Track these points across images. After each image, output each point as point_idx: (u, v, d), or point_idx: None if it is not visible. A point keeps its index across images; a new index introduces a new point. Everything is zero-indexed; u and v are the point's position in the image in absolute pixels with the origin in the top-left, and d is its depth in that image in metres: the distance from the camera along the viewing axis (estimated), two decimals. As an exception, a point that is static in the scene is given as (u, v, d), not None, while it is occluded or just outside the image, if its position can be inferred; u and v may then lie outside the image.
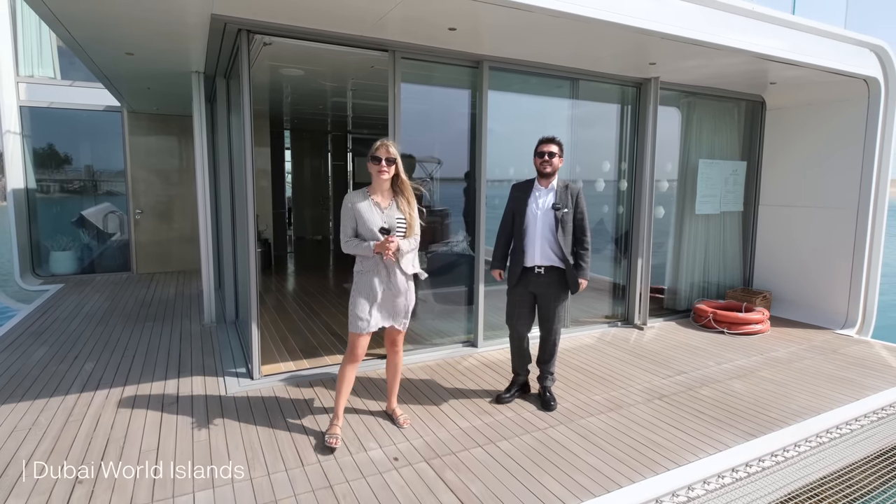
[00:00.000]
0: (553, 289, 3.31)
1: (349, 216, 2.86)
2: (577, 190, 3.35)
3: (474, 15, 3.36)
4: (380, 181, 2.86)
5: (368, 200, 2.87)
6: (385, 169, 2.82)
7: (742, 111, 6.11)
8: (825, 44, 4.74)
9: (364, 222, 2.82)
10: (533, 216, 3.31)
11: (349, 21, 3.48)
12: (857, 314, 5.35)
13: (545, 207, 3.29)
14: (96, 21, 3.45)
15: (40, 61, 7.41)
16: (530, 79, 4.79)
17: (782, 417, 3.35)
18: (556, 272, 3.30)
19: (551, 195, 3.32)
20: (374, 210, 2.85)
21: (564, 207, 3.26)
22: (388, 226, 2.82)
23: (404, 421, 3.13)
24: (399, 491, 2.46)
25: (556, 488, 2.51)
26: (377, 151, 2.83)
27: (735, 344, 4.91)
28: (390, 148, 2.84)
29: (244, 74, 3.57)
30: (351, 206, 2.85)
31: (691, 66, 4.79)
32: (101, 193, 8.07)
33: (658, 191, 5.69)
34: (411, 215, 2.90)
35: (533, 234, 3.29)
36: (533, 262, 3.30)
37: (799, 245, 5.84)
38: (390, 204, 2.91)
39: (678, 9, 3.82)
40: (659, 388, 3.79)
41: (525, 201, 3.35)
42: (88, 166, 7.97)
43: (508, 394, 3.49)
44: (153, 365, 4.05)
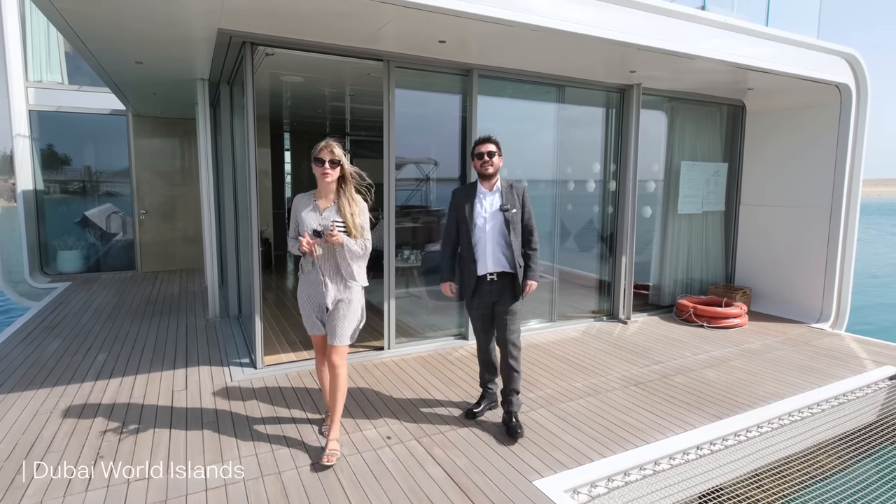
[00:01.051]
0: (507, 296, 3.13)
1: (293, 217, 2.82)
2: (522, 189, 3.18)
3: (462, 28, 3.62)
4: (324, 184, 2.75)
5: (311, 203, 2.80)
6: (328, 171, 2.70)
7: (723, 115, 6.37)
8: (799, 53, 5.00)
9: (301, 224, 2.75)
10: (481, 220, 3.12)
11: (346, 34, 3.74)
12: (830, 309, 5.62)
13: (492, 210, 3.11)
14: (110, 34, 3.71)
15: (48, 67, 7.65)
16: (519, 85, 5.05)
17: (749, 402, 3.62)
18: (509, 277, 3.12)
19: (497, 196, 3.14)
20: (314, 213, 2.76)
21: (513, 208, 3.10)
22: (322, 228, 2.70)
23: (328, 458, 2.68)
24: (391, 464, 2.72)
25: (534, 462, 2.77)
26: (320, 153, 2.72)
27: (713, 337, 5.17)
28: (335, 149, 2.72)
29: (248, 83, 3.82)
30: (295, 207, 2.82)
31: (670, 73, 5.06)
32: (106, 194, 8.32)
33: (645, 191, 5.96)
34: (351, 217, 2.74)
35: (483, 239, 3.10)
36: (485, 270, 3.10)
37: (777, 243, 6.11)
38: (331, 206, 2.79)
39: (654, 22, 4.08)
40: (636, 377, 4.04)
41: (470, 206, 3.14)
42: (93, 168, 8.22)
43: (479, 408, 3.31)
44: (162, 356, 4.30)
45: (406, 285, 5.06)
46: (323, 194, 2.81)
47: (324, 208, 2.79)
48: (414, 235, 6.03)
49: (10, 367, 4.02)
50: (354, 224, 2.76)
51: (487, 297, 3.15)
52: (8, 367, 4.00)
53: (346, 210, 2.76)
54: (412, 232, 6.10)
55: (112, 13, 3.25)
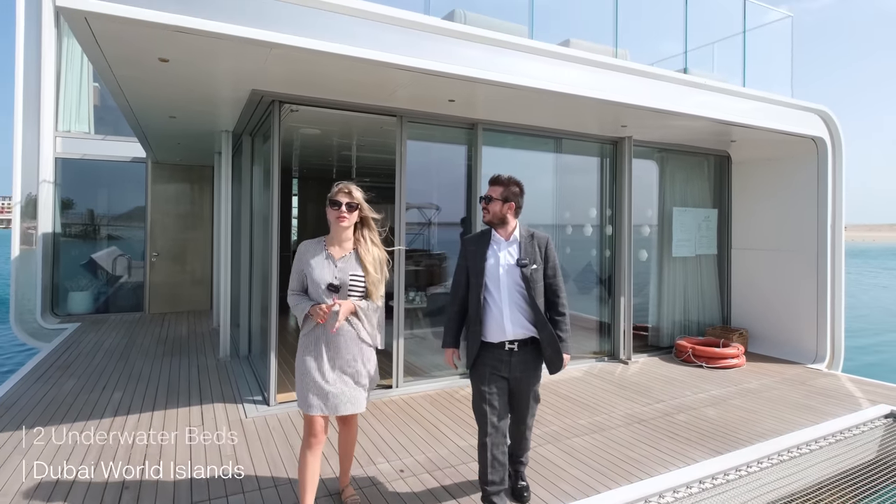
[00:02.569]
0: (532, 370, 2.61)
1: (297, 267, 2.44)
2: (545, 240, 2.67)
3: (470, 90, 4.02)
4: (338, 229, 2.42)
5: (323, 252, 2.43)
6: (345, 215, 2.39)
7: (710, 164, 6.79)
8: (775, 109, 5.45)
9: (312, 277, 2.38)
10: (494, 275, 2.59)
11: (365, 95, 4.14)
12: (825, 349, 5.78)
13: (508, 264, 2.59)
14: (155, 94, 4.10)
15: (78, 118, 8.13)
16: (519, 137, 5.46)
17: (748, 438, 3.74)
18: (532, 346, 2.60)
19: (514, 248, 2.63)
20: (327, 263, 2.39)
21: (533, 263, 2.59)
22: (339, 282, 2.36)
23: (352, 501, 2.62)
24: (406, 496, 2.83)
25: (543, 493, 2.88)
26: (336, 195, 2.41)
27: (712, 376, 5.31)
28: (353, 191, 2.42)
29: (275, 137, 4.17)
30: (299, 257, 2.44)
31: (658, 127, 5.48)
32: (119, 238, 8.60)
33: (640, 235, 6.26)
34: (373, 273, 2.40)
35: (498, 298, 2.56)
36: (503, 336, 2.55)
37: (769, 285, 6.35)
38: (347, 255, 2.44)
39: (641, 83, 4.51)
40: (639, 414, 4.16)
41: (482, 257, 2.63)
42: (108, 212, 8.56)
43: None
44: (176, 393, 4.42)
45: (411, 326, 5.23)
46: (336, 241, 2.46)
47: (338, 258, 2.43)
48: (416, 278, 6.25)
49: (28, 404, 4.13)
50: (374, 280, 2.41)
51: (505, 371, 2.57)
52: (27, 404, 4.10)
53: (367, 259, 2.42)
54: (415, 275, 6.33)
55: (164, 78, 3.63)
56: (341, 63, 3.36)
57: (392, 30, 3.42)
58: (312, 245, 2.47)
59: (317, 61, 3.37)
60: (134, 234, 8.64)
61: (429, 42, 3.56)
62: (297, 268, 2.44)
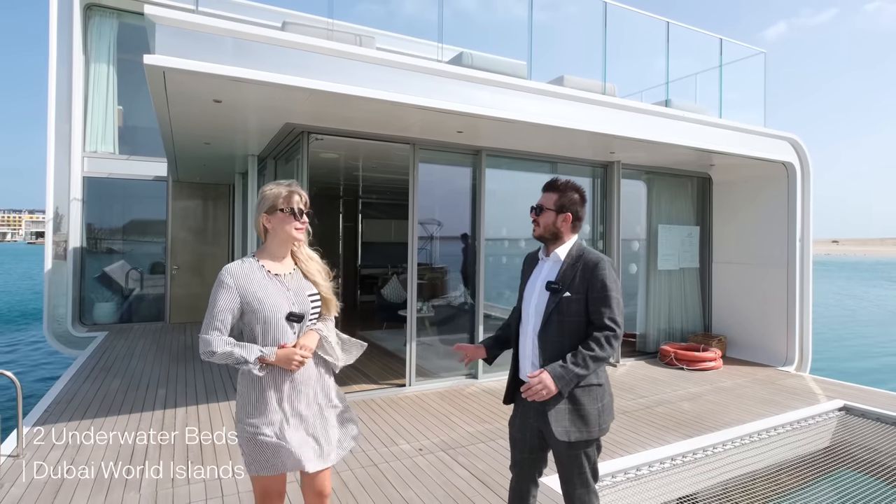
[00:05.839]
0: (563, 422, 2.02)
1: (229, 299, 1.87)
2: (593, 263, 2.06)
3: (476, 124, 4.65)
4: (288, 243, 2.00)
5: (262, 272, 1.94)
6: (303, 225, 2.00)
7: (693, 185, 7.44)
8: (749, 138, 6.11)
9: (264, 308, 1.87)
10: (528, 300, 2.19)
11: (383, 127, 4.77)
12: (794, 354, 6.38)
13: (541, 288, 2.14)
14: (197, 124, 4.71)
15: (103, 139, 8.74)
16: (518, 161, 6.09)
17: (716, 426, 4.30)
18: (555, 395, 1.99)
19: (556, 269, 2.13)
20: (276, 287, 1.92)
21: (566, 290, 2.06)
22: (300, 311, 1.93)
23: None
24: (426, 467, 3.38)
25: (540, 466, 3.43)
26: (289, 201, 1.95)
27: (691, 377, 5.89)
28: (305, 195, 2.02)
29: (304, 165, 4.78)
30: (233, 285, 1.87)
31: (645, 153, 6.13)
32: (139, 253, 9.16)
33: (630, 249, 6.87)
34: (323, 283, 2.03)
35: (526, 327, 2.16)
36: (521, 374, 2.18)
37: (745, 296, 6.96)
38: (292, 272, 2.00)
39: (628, 117, 5.16)
40: (623, 408, 4.73)
41: (525, 278, 2.28)
42: (130, 228, 9.13)
43: None
44: (214, 390, 4.95)
45: (419, 335, 5.79)
46: (276, 256, 2.00)
47: (284, 276, 1.98)
48: (420, 292, 6.82)
49: (85, 399, 4.65)
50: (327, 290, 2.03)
51: (533, 418, 2.13)
52: (84, 399, 4.63)
53: (312, 268, 2.03)
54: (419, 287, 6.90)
55: (212, 114, 4.25)
56: (365, 103, 3.99)
57: (409, 75, 4.05)
58: (246, 268, 1.93)
59: (345, 102, 3.99)
60: (154, 249, 9.21)
61: (440, 85, 4.19)
62: (227, 301, 1.86)
